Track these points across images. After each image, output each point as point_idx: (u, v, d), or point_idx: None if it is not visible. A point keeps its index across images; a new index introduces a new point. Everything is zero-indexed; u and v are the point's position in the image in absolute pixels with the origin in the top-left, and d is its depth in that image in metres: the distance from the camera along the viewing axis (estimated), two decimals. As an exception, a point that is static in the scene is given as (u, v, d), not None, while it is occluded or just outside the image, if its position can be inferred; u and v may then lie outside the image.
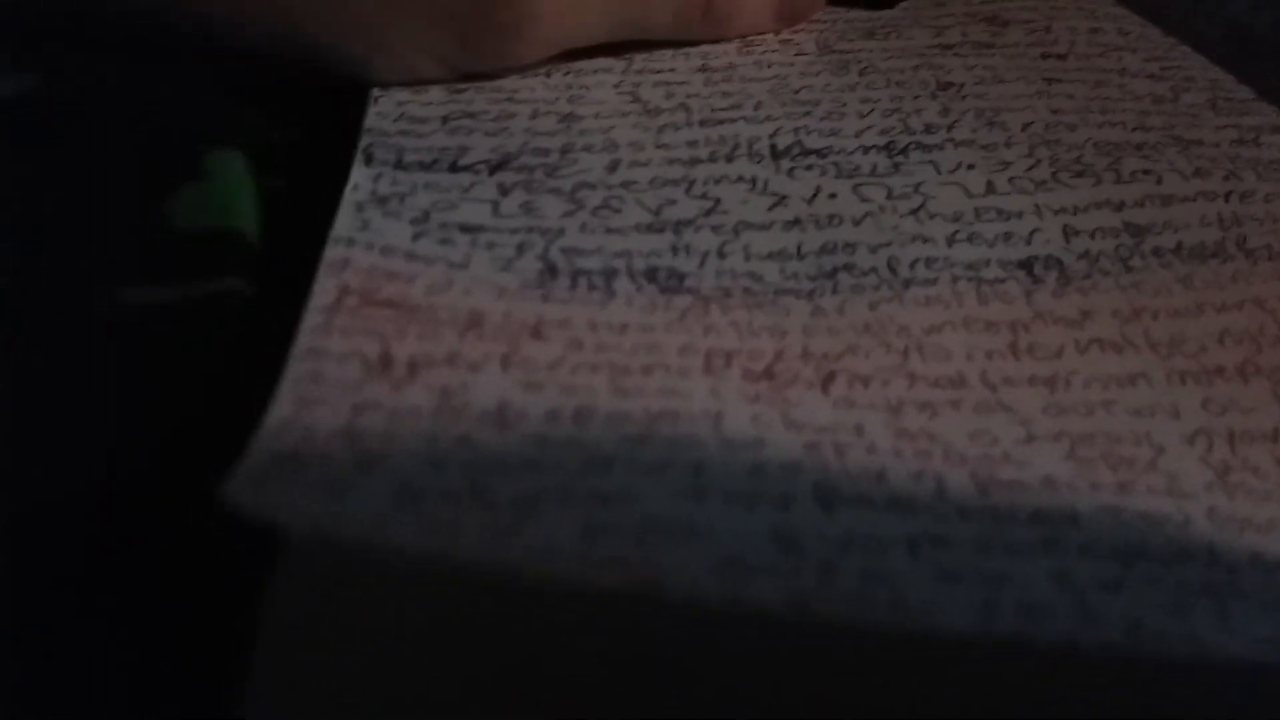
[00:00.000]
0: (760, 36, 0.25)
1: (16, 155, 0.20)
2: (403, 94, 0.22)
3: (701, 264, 0.18)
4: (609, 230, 0.19)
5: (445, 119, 0.21)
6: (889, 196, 0.20)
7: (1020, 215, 0.20)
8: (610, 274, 0.18)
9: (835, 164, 0.21)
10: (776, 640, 0.12)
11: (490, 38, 0.22)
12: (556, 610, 0.12)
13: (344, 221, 0.17)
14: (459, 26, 0.22)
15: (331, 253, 0.16)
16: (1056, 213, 0.20)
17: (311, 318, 0.15)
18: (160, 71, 0.22)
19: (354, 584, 0.12)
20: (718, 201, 0.20)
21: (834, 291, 0.18)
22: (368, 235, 0.17)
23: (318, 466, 0.12)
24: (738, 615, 0.11)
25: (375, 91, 0.22)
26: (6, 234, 0.18)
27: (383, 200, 0.18)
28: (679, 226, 0.19)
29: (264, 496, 0.12)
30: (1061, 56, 0.25)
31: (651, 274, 0.18)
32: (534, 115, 0.22)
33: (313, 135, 0.22)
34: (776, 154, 0.21)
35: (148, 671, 0.15)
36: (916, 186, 0.20)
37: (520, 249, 0.18)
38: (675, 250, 0.18)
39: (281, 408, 0.13)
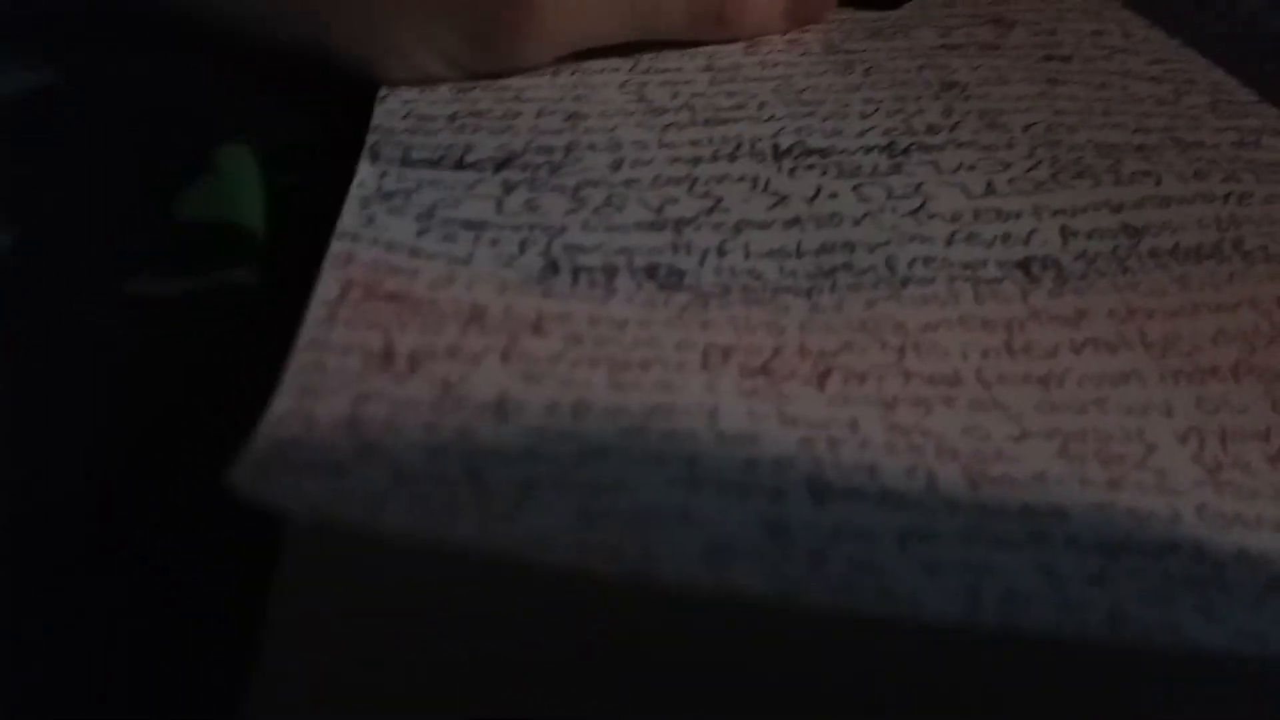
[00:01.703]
0: (767, 36, 0.25)
1: (32, 148, 0.20)
2: (410, 92, 0.22)
3: (701, 262, 0.18)
4: (610, 228, 0.19)
5: (452, 117, 0.22)
6: (889, 196, 0.20)
7: (1019, 216, 0.20)
8: (611, 271, 0.18)
9: (837, 164, 0.21)
10: (762, 626, 0.12)
11: (500, 39, 0.22)
12: (550, 594, 0.12)
13: (349, 217, 0.18)
14: (469, 27, 0.22)
15: (336, 247, 0.17)
16: (1055, 214, 0.20)
17: (315, 310, 0.15)
18: (174, 68, 0.22)
19: (355, 568, 0.12)
20: (719, 200, 0.20)
21: (832, 290, 0.18)
22: (372, 231, 0.18)
23: (320, 453, 0.13)
24: (726, 601, 0.12)
25: (383, 90, 0.22)
26: (20, 224, 0.19)
27: (388, 196, 0.19)
28: (680, 225, 0.19)
29: (267, 482, 0.12)
30: (1065, 58, 0.25)
31: (651, 271, 0.18)
32: (539, 114, 0.22)
33: (322, 133, 0.22)
34: (779, 154, 0.21)
35: (150, 667, 0.15)
36: (917, 187, 0.21)
37: (522, 246, 0.18)
38: (675, 248, 0.19)
39: (285, 397, 0.13)
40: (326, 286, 0.16)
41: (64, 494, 0.16)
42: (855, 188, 0.21)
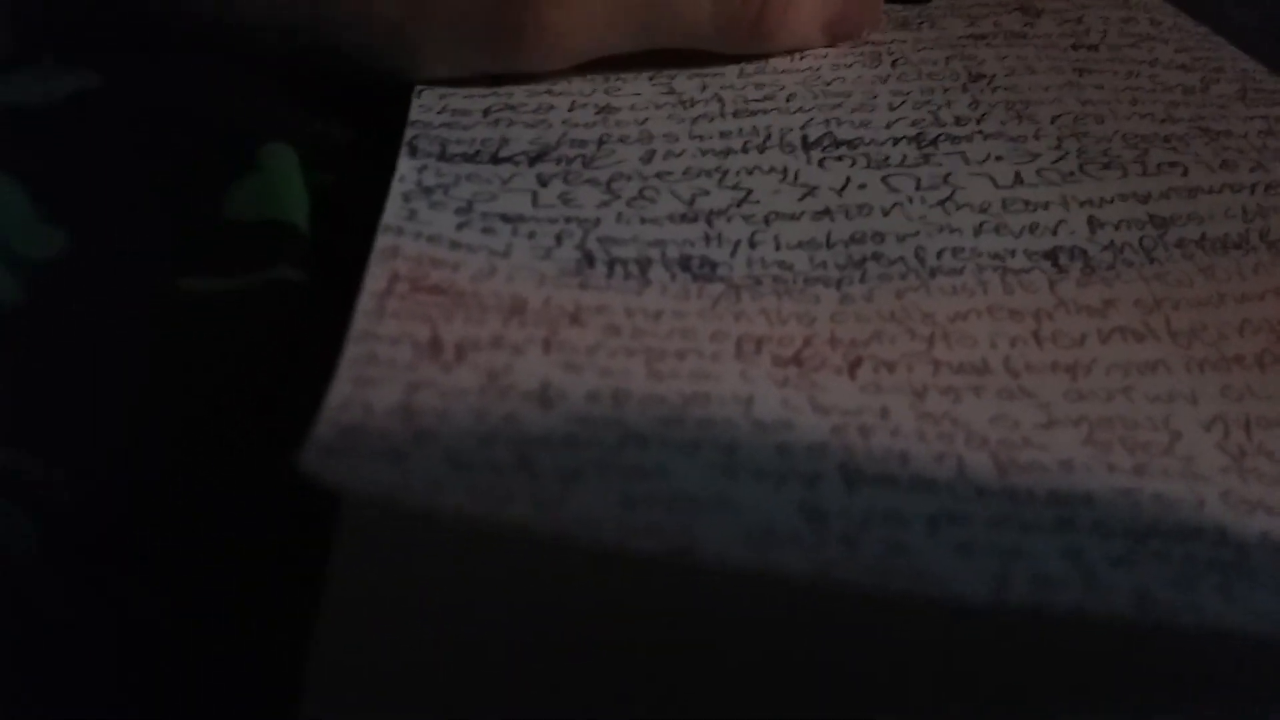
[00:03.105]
0: None
1: (77, 150, 0.21)
2: (445, 87, 0.23)
3: (733, 253, 0.19)
4: (644, 220, 0.19)
5: (486, 111, 0.22)
6: (918, 187, 0.21)
7: (1046, 206, 0.20)
8: (645, 263, 0.18)
9: (865, 155, 0.21)
10: (799, 607, 0.12)
11: (516, 49, 0.22)
12: (598, 573, 0.12)
13: (392, 211, 0.18)
14: (485, 37, 0.22)
15: (382, 241, 0.17)
16: (1082, 204, 0.20)
17: (365, 303, 0.16)
18: (213, 70, 0.23)
19: (413, 549, 0.12)
20: (749, 192, 0.20)
21: (862, 280, 0.19)
22: (415, 224, 0.18)
23: (379, 440, 0.13)
24: (765, 581, 0.12)
25: (419, 86, 0.23)
26: (71, 225, 0.19)
27: (428, 191, 0.19)
28: (711, 216, 0.20)
29: (335, 466, 0.12)
30: (1093, 47, 0.25)
31: (685, 263, 0.19)
32: (572, 107, 0.22)
33: (358, 133, 0.23)
34: (808, 145, 0.22)
35: (206, 655, 0.16)
36: (945, 178, 0.21)
37: (559, 238, 0.19)
38: (708, 239, 0.19)
39: (342, 387, 0.14)
40: (374, 279, 0.16)
41: (116, 488, 0.16)
42: (884, 178, 0.21)
